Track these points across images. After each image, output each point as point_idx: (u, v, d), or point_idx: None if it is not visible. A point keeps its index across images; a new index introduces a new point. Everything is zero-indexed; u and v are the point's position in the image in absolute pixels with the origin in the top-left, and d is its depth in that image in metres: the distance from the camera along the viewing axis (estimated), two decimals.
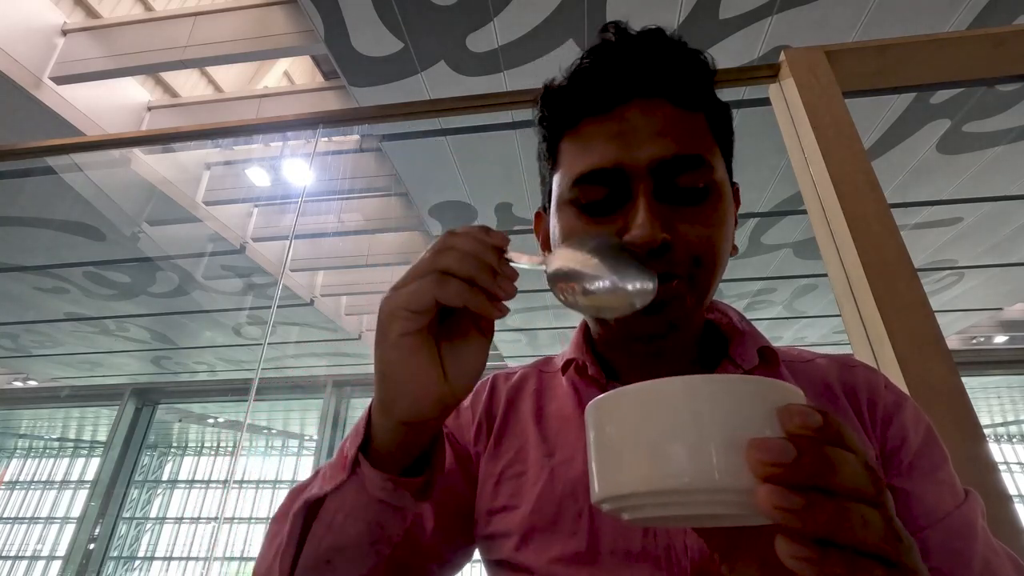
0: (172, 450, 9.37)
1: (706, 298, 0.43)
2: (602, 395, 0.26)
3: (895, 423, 0.42)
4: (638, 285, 0.34)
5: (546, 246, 0.51)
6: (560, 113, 0.46)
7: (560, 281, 0.35)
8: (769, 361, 0.46)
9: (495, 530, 0.43)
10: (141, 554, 8.09)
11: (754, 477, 0.20)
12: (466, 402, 0.51)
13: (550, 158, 0.47)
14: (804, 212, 0.91)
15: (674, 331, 0.42)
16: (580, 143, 0.43)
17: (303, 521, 0.36)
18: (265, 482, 8.98)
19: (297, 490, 0.40)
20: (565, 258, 0.36)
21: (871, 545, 0.19)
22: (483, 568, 0.47)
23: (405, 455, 0.35)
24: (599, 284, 0.34)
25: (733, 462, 0.21)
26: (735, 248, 0.47)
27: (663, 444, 0.22)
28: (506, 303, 0.33)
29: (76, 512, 8.37)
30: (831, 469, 0.20)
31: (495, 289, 0.31)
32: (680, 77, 0.43)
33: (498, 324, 0.36)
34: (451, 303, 0.30)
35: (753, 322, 0.51)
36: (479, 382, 0.51)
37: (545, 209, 0.51)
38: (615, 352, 0.49)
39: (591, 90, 0.43)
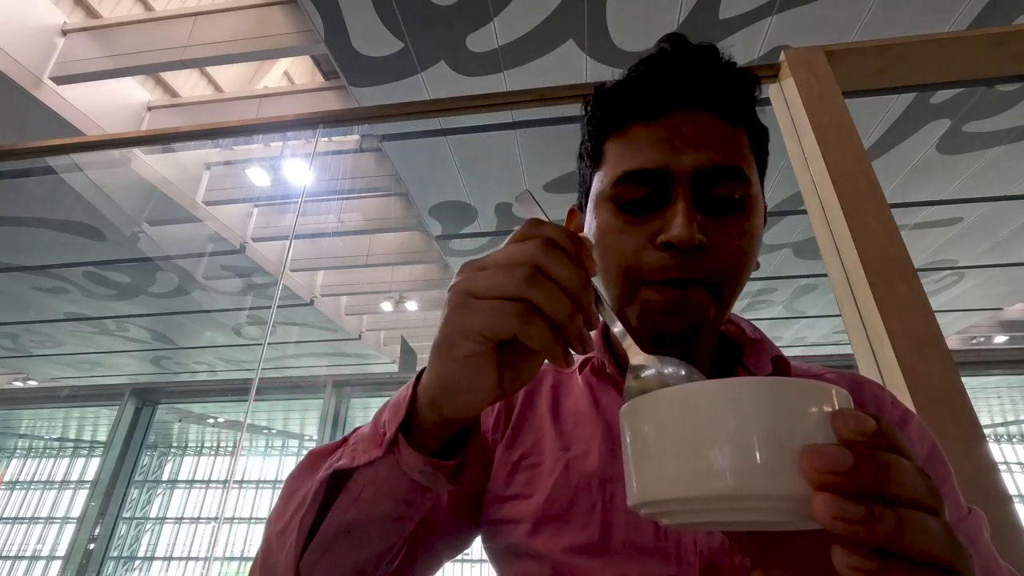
0: (172, 450, 9.37)
1: (727, 310, 0.45)
2: (641, 396, 0.25)
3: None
4: None
5: None
6: (609, 114, 0.47)
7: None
8: (782, 371, 0.48)
9: (506, 516, 0.44)
10: (141, 554, 8.09)
11: (808, 484, 0.20)
12: None
13: (594, 157, 0.49)
14: (804, 212, 0.91)
15: (695, 336, 0.44)
16: (626, 144, 0.45)
17: (327, 488, 0.35)
18: (265, 482, 8.98)
19: (319, 454, 0.40)
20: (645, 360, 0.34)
21: (931, 555, 0.19)
22: (485, 568, 0.47)
23: (440, 438, 0.34)
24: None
25: (784, 468, 0.20)
26: (758, 264, 0.49)
27: (709, 448, 0.21)
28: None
29: (76, 512, 8.37)
30: (889, 477, 0.19)
31: (578, 343, 0.29)
32: (728, 92, 0.45)
33: None
34: (529, 344, 0.28)
35: (753, 322, 0.52)
36: None
37: (581, 207, 0.53)
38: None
39: (642, 95, 0.45)
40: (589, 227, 0.47)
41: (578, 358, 0.54)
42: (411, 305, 5.95)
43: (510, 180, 3.25)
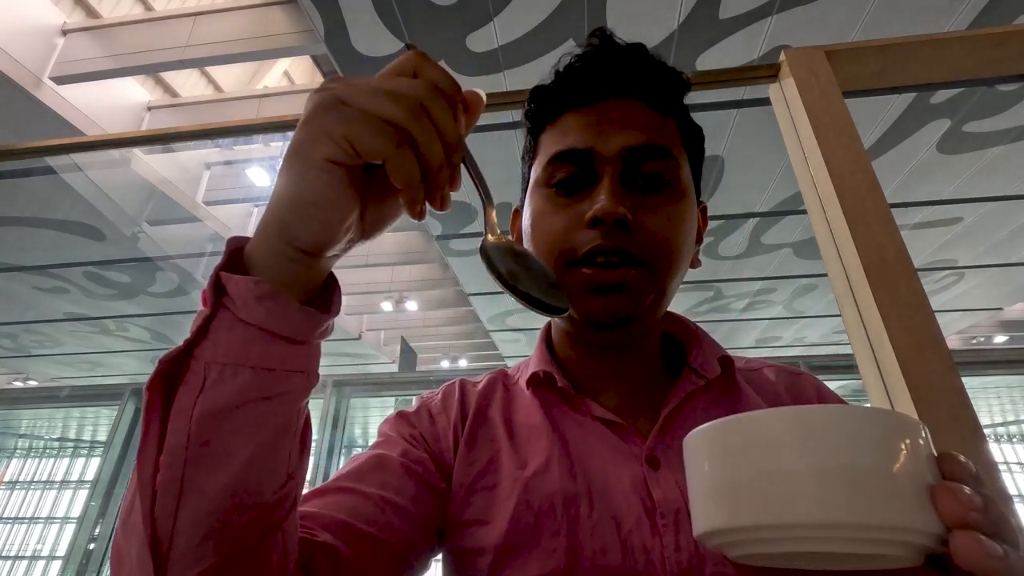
0: None
1: (664, 298, 0.46)
2: (722, 421, 0.25)
3: None
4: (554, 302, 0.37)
5: (519, 241, 0.54)
6: (544, 107, 0.49)
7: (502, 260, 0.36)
8: (727, 370, 0.48)
9: (466, 545, 0.41)
10: None
11: (937, 520, 0.20)
12: (439, 409, 0.50)
13: (531, 151, 0.51)
14: (804, 212, 0.91)
15: (632, 320, 0.44)
16: (559, 131, 0.47)
17: (163, 401, 0.26)
18: None
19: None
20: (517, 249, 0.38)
21: None
22: None
23: (297, 286, 0.28)
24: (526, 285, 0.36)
25: (913, 502, 0.20)
26: (697, 260, 0.51)
27: (828, 475, 0.21)
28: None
29: (76, 512, 8.36)
30: (1005, 520, 0.21)
31: (438, 198, 0.27)
32: (656, 82, 0.47)
33: (497, 323, 0.35)
34: (393, 178, 0.25)
35: (753, 322, 0.52)
36: (448, 385, 0.53)
37: (520, 203, 0.55)
38: (580, 358, 0.50)
39: (574, 85, 0.47)
40: (525, 215, 0.50)
41: (517, 369, 0.54)
42: (411, 305, 5.94)
43: (510, 180, 3.24)
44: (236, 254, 0.29)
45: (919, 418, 0.63)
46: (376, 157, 0.25)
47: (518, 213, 0.56)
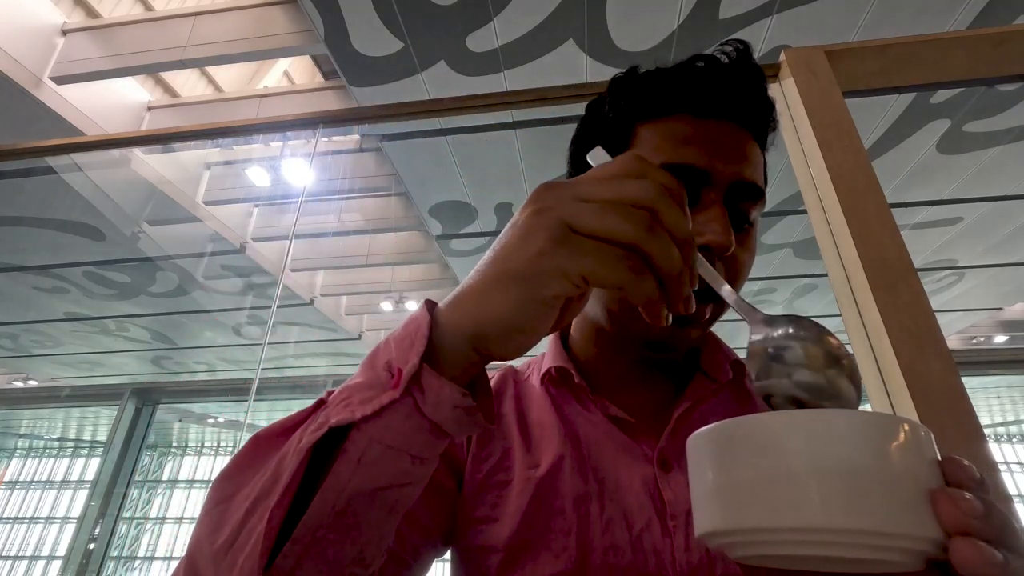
0: (172, 450, 9.37)
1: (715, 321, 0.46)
2: (725, 422, 0.24)
3: None
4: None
5: None
6: (653, 96, 0.45)
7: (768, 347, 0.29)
8: (739, 374, 0.49)
9: (476, 543, 0.41)
10: (141, 554, 8.09)
11: (936, 526, 0.20)
12: None
13: (620, 139, 0.46)
14: (804, 212, 0.91)
15: (680, 349, 0.45)
16: (668, 134, 0.43)
17: (306, 460, 0.26)
18: None
19: (271, 435, 0.30)
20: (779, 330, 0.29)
21: None
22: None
23: (461, 383, 0.28)
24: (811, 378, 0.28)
25: (913, 508, 0.20)
26: None
27: (827, 479, 0.21)
28: None
29: (76, 512, 8.36)
30: (1007, 526, 0.20)
31: (683, 303, 0.25)
32: (766, 119, 0.46)
33: None
34: (634, 300, 0.25)
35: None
36: None
37: None
38: (603, 358, 0.50)
39: (698, 89, 0.44)
40: None
41: (529, 365, 0.53)
42: (411, 305, 5.94)
43: (510, 180, 3.25)
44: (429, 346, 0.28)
45: (919, 418, 0.63)
46: (614, 287, 0.24)
47: None
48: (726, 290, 0.30)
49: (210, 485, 0.30)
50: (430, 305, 0.29)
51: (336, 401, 0.28)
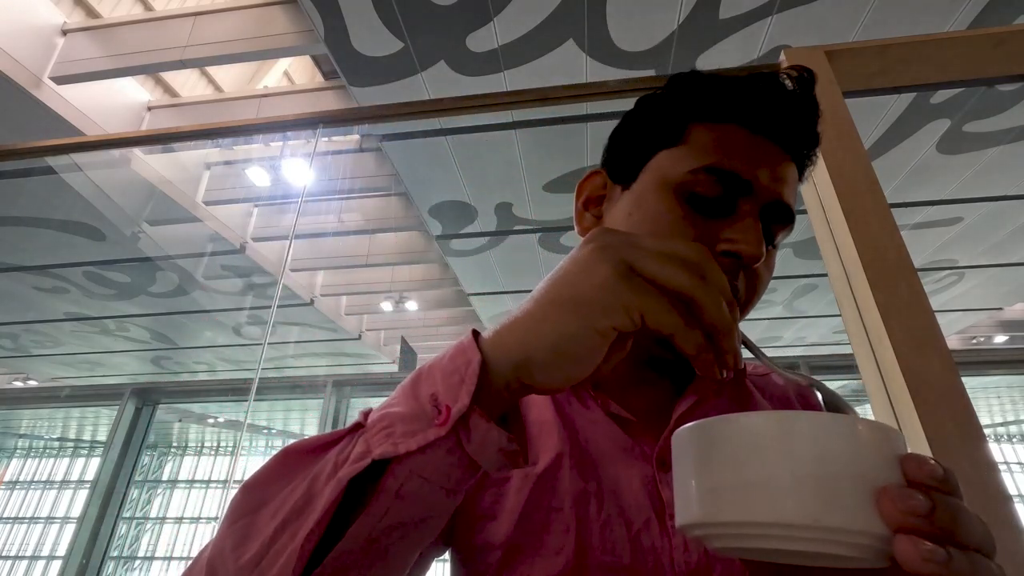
0: (172, 450, 9.36)
1: None
2: (706, 420, 0.26)
3: None
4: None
5: (593, 206, 0.51)
6: (709, 100, 0.46)
7: None
8: (738, 374, 0.49)
9: (475, 541, 0.41)
10: (141, 554, 8.09)
11: (884, 523, 0.21)
12: None
13: (673, 133, 0.46)
14: (804, 212, 0.91)
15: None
16: (720, 137, 0.44)
17: (342, 491, 0.27)
18: None
19: (303, 451, 0.31)
20: None
21: None
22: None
23: (502, 411, 0.29)
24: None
25: (861, 505, 0.21)
26: None
27: (783, 477, 0.22)
28: None
29: (76, 512, 8.36)
30: (960, 523, 0.21)
31: (731, 357, 0.26)
32: (812, 150, 0.47)
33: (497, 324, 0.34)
34: (685, 348, 0.25)
35: (753, 322, 0.53)
36: None
37: (612, 175, 0.50)
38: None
39: (758, 103, 0.44)
40: (636, 203, 0.46)
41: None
42: (411, 305, 5.94)
43: (510, 180, 3.25)
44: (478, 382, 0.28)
45: (920, 418, 0.63)
46: (666, 331, 0.25)
47: (599, 175, 0.51)
48: (765, 361, 0.32)
49: (235, 495, 0.30)
50: (476, 335, 0.29)
51: (376, 429, 0.28)
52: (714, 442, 0.25)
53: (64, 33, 2.82)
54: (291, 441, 0.32)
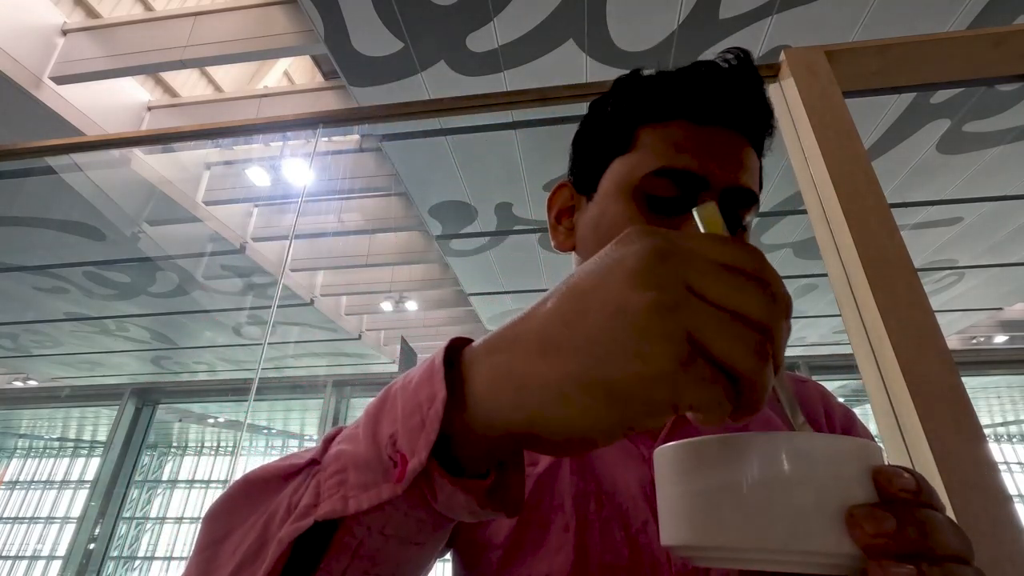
0: (172, 450, 9.37)
1: None
2: (686, 441, 0.25)
3: (853, 434, 0.47)
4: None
5: (565, 218, 0.51)
6: (652, 102, 0.45)
7: None
8: None
9: (477, 539, 0.42)
10: (141, 554, 8.09)
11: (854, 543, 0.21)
12: None
13: (622, 140, 0.46)
14: (804, 212, 0.91)
15: None
16: (668, 138, 0.44)
17: (285, 553, 0.23)
18: None
19: (263, 481, 0.27)
20: None
21: None
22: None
23: (490, 457, 0.24)
24: None
25: (833, 526, 0.21)
26: None
27: (759, 499, 0.22)
28: None
29: (76, 512, 8.37)
30: (930, 535, 0.20)
31: (758, 403, 0.20)
32: (765, 125, 0.46)
33: (496, 323, 0.33)
34: (752, 391, 0.19)
35: None
36: None
37: (577, 187, 0.51)
38: None
39: (697, 95, 0.44)
40: (601, 216, 0.46)
41: None
42: (411, 305, 5.94)
43: (510, 180, 3.25)
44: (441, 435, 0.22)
45: (919, 419, 0.63)
46: (739, 374, 0.19)
47: (566, 187, 0.52)
48: (790, 413, 0.29)
49: (201, 520, 0.28)
50: (450, 360, 0.23)
51: (329, 472, 0.24)
52: (691, 464, 0.25)
53: (64, 33, 2.82)
54: (253, 468, 0.29)
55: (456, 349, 0.24)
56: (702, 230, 0.25)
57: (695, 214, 0.26)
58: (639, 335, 0.18)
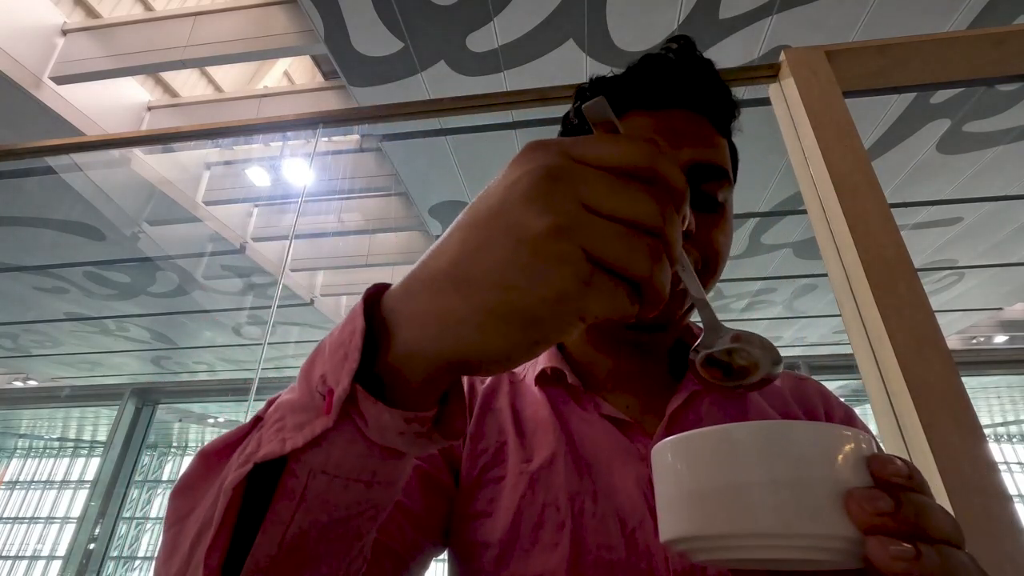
0: (172, 450, 9.37)
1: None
2: (680, 435, 0.26)
3: None
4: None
5: None
6: (608, 98, 0.47)
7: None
8: None
9: (471, 538, 0.41)
10: (141, 554, 8.08)
11: (853, 526, 0.21)
12: None
13: None
14: (804, 212, 0.91)
15: (667, 327, 0.46)
16: (625, 129, 0.45)
17: (238, 497, 0.23)
18: None
19: (217, 451, 0.27)
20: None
21: None
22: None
23: (431, 389, 0.24)
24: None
25: (831, 510, 0.21)
26: None
27: (758, 487, 0.22)
28: None
29: (76, 512, 8.36)
30: (927, 518, 0.21)
31: (661, 299, 0.21)
32: (722, 102, 0.47)
33: None
34: (652, 297, 0.21)
35: (753, 322, 0.53)
36: None
37: None
38: (597, 355, 0.51)
39: (646, 86, 0.46)
40: None
41: (531, 367, 0.52)
42: None
43: None
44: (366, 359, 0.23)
45: (919, 418, 0.63)
46: (639, 279, 0.20)
47: None
48: (700, 299, 0.33)
49: (168, 500, 0.28)
50: (371, 299, 0.24)
51: (270, 422, 0.25)
52: (688, 458, 0.25)
53: (64, 33, 2.81)
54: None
55: (377, 296, 0.25)
56: (593, 130, 0.25)
57: (585, 113, 0.25)
58: (541, 260, 0.19)
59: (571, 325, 0.20)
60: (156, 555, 0.27)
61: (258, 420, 0.27)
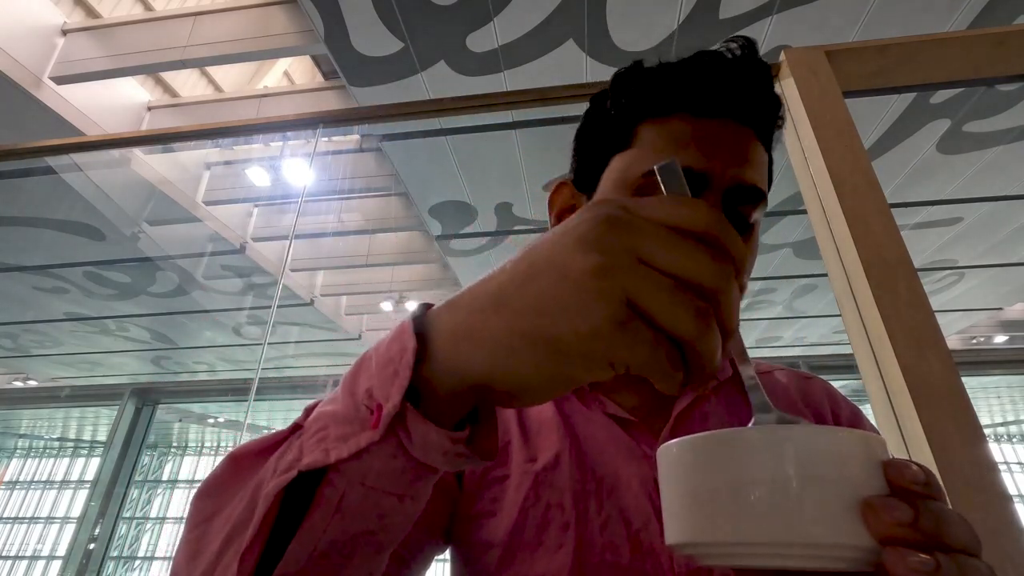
0: (172, 450, 9.37)
1: None
2: (690, 437, 0.25)
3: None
4: None
5: (566, 217, 0.50)
6: (651, 96, 0.44)
7: None
8: (738, 372, 0.49)
9: (475, 538, 0.41)
10: (141, 554, 8.09)
11: (869, 534, 0.20)
12: None
13: (622, 137, 0.44)
14: (804, 212, 0.91)
15: None
16: (668, 134, 0.42)
17: (277, 503, 0.24)
18: None
19: (248, 455, 0.28)
20: None
21: None
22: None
23: (457, 409, 0.24)
24: None
25: (846, 518, 0.21)
26: None
27: (769, 494, 0.22)
28: None
29: (76, 512, 8.37)
30: (945, 527, 0.20)
31: (706, 368, 0.20)
32: (771, 116, 0.44)
33: None
34: (702, 359, 0.20)
35: (753, 322, 0.53)
36: None
37: (578, 185, 0.49)
38: None
39: (698, 87, 0.42)
40: None
41: None
42: (411, 305, 5.94)
43: (510, 180, 3.25)
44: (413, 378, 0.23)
45: (920, 419, 0.63)
46: (683, 339, 0.19)
47: (566, 186, 0.50)
48: (747, 373, 0.29)
49: (190, 501, 0.28)
50: (419, 321, 0.25)
51: (311, 432, 0.25)
52: (696, 461, 0.24)
53: (64, 33, 2.82)
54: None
55: (422, 312, 0.26)
56: (663, 190, 0.25)
57: (656, 173, 0.25)
58: (580, 294, 0.19)
59: (599, 367, 0.20)
60: (175, 554, 0.27)
61: (297, 427, 0.27)
